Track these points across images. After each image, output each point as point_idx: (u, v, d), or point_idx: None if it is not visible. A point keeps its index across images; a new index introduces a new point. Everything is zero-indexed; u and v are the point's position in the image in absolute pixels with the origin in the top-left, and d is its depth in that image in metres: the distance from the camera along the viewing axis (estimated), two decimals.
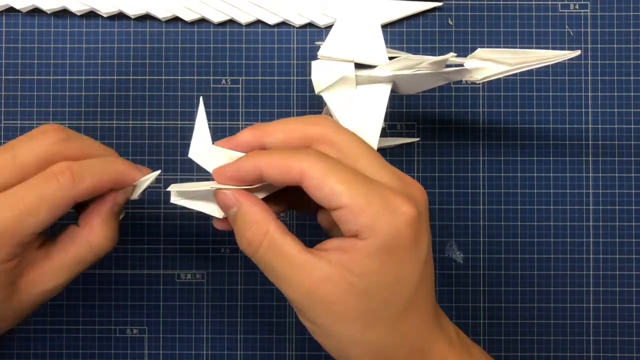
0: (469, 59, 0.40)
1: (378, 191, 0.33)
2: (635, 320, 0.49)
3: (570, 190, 0.49)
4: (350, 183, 0.32)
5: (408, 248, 0.33)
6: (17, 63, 0.49)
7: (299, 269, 0.33)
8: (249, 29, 0.49)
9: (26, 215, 0.34)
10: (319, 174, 0.33)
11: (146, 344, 0.48)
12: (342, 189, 0.32)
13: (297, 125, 0.36)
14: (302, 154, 0.34)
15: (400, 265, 0.33)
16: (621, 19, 0.49)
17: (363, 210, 0.32)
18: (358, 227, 0.33)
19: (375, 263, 0.33)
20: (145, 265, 0.49)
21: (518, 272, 0.49)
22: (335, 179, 0.32)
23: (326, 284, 0.33)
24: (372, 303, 0.33)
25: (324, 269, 0.33)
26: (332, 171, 0.33)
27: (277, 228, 0.34)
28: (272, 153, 0.34)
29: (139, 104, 0.49)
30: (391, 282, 0.33)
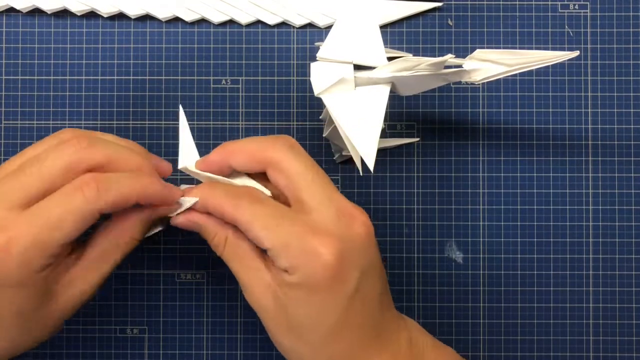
0: (468, 60, 0.40)
1: (297, 234, 0.36)
2: (635, 320, 0.49)
3: (570, 190, 0.49)
4: (271, 229, 0.36)
5: (328, 287, 0.36)
6: (17, 63, 0.49)
7: (249, 271, 0.38)
8: (249, 29, 0.49)
9: (53, 230, 0.34)
10: (246, 221, 0.36)
11: (146, 344, 0.48)
12: (264, 235, 0.36)
13: (256, 147, 0.39)
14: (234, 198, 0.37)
15: (320, 302, 0.36)
16: (621, 19, 0.49)
17: (283, 254, 0.36)
18: (281, 266, 0.36)
19: (296, 294, 0.36)
20: (145, 265, 0.49)
21: (518, 272, 0.49)
22: (258, 226, 0.36)
23: (266, 292, 0.37)
24: (295, 323, 0.37)
25: (266, 278, 0.37)
26: (256, 216, 0.36)
27: (235, 233, 0.38)
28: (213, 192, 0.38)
29: (139, 104, 0.49)
30: (311, 313, 0.36)
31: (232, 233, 0.38)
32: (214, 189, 0.38)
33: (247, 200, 0.37)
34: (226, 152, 0.39)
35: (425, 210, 0.49)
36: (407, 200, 0.49)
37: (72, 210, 0.35)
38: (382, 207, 0.49)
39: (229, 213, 0.37)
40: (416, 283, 0.49)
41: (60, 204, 0.35)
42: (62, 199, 0.35)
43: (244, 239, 0.38)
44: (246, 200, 0.37)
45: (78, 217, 0.35)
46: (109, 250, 0.38)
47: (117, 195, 0.36)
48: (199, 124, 0.49)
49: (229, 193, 0.38)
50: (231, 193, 0.38)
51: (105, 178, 0.36)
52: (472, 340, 0.49)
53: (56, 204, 0.35)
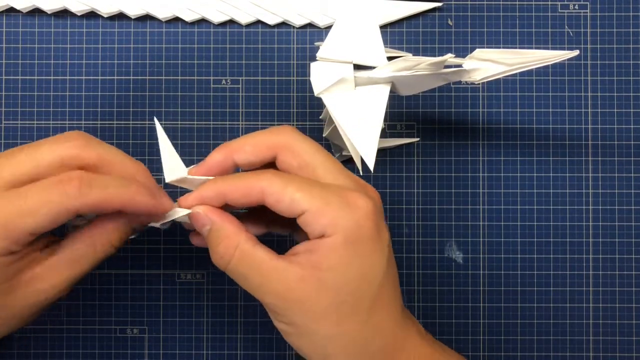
0: (468, 60, 0.40)
1: (334, 191, 0.35)
2: (635, 320, 0.49)
3: (570, 190, 0.49)
4: (306, 190, 0.35)
5: (370, 239, 0.35)
6: (17, 63, 0.49)
7: (271, 274, 0.35)
8: (249, 29, 0.50)
9: (25, 215, 0.34)
10: (278, 188, 0.35)
11: (146, 344, 0.48)
12: (301, 196, 0.35)
13: (262, 137, 0.38)
14: (260, 174, 0.36)
15: (365, 257, 0.35)
16: (621, 19, 0.49)
17: (322, 210, 0.35)
18: (321, 227, 0.35)
19: (341, 256, 0.35)
20: (145, 265, 0.49)
21: (518, 272, 0.49)
22: (293, 188, 0.35)
23: (299, 285, 0.35)
24: (342, 296, 0.35)
25: (295, 271, 0.35)
26: (290, 182, 0.35)
27: (247, 240, 0.36)
28: (233, 177, 0.37)
29: (139, 104, 0.49)
30: (358, 273, 0.35)
31: (245, 238, 0.36)
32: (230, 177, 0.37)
33: (273, 173, 0.36)
34: (229, 149, 0.38)
35: (425, 210, 0.49)
36: (407, 200, 0.49)
37: (48, 202, 0.34)
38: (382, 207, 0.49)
39: (257, 188, 0.35)
40: (416, 283, 0.49)
41: (38, 193, 0.34)
42: (41, 189, 0.34)
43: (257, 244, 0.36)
44: (272, 174, 0.36)
45: (52, 211, 0.34)
46: (82, 252, 0.37)
47: (98, 199, 0.35)
48: (199, 124, 0.49)
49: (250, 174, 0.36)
50: (252, 173, 0.36)
51: (91, 178, 0.35)
52: (472, 340, 0.49)
53: (35, 192, 0.34)
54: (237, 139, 0.38)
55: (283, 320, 0.36)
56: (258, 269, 0.36)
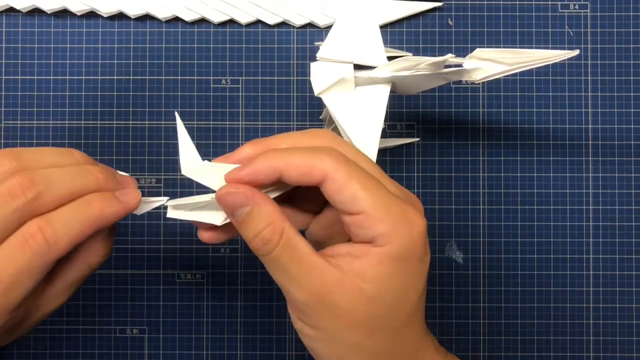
0: (468, 59, 0.40)
1: (396, 201, 0.33)
2: (635, 320, 0.49)
3: (570, 190, 0.49)
4: (372, 190, 0.32)
5: (418, 258, 0.34)
6: (17, 63, 0.49)
7: (311, 270, 0.33)
8: (249, 29, 0.49)
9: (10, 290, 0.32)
10: (342, 178, 0.32)
11: (146, 344, 0.48)
12: (364, 196, 0.32)
13: (300, 139, 0.35)
14: (323, 154, 0.33)
15: (410, 275, 0.33)
16: (621, 19, 0.49)
17: (382, 218, 0.32)
18: (375, 234, 0.32)
19: (387, 270, 0.33)
20: (145, 265, 0.49)
21: (518, 272, 0.49)
22: (358, 185, 0.32)
23: (337, 289, 0.33)
24: (381, 310, 0.33)
25: (335, 274, 0.33)
26: (355, 176, 0.32)
27: (291, 227, 0.33)
28: (292, 152, 0.33)
29: (139, 104, 0.49)
30: (400, 289, 0.33)
31: (289, 225, 0.33)
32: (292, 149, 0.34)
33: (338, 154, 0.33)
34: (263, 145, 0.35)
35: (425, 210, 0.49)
36: None
37: (24, 267, 0.32)
38: None
39: (320, 169, 0.32)
40: None
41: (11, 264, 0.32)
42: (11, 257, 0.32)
43: (298, 233, 0.33)
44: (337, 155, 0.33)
45: (33, 272, 0.32)
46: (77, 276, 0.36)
47: (69, 240, 0.33)
48: (199, 124, 0.49)
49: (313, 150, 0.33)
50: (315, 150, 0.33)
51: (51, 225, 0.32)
52: (472, 340, 0.49)
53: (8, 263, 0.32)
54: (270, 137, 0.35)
55: (308, 321, 0.34)
56: (299, 261, 0.33)
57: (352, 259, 0.33)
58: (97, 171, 0.35)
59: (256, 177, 0.34)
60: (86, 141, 0.49)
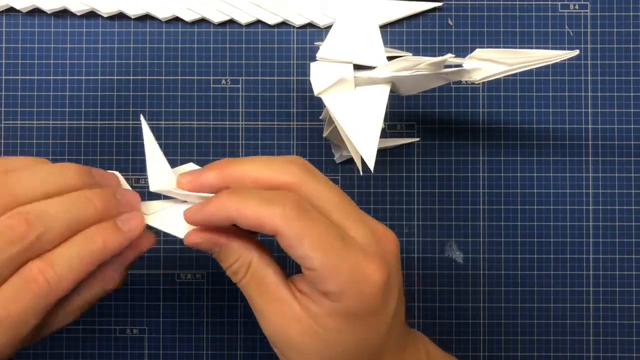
0: (468, 60, 0.40)
1: (350, 258, 0.33)
2: (635, 320, 0.49)
3: (570, 190, 0.49)
4: (323, 250, 0.32)
5: (373, 314, 0.34)
6: (17, 63, 0.49)
7: (274, 303, 0.34)
8: (249, 29, 0.49)
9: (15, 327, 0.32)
10: (293, 235, 0.32)
11: (146, 344, 0.48)
12: (315, 256, 0.32)
13: (266, 172, 0.34)
14: (276, 206, 0.32)
15: (364, 329, 0.34)
16: (621, 19, 0.49)
17: (332, 278, 0.32)
18: (326, 290, 0.33)
19: (338, 324, 0.33)
20: (145, 265, 0.49)
21: (518, 272, 0.49)
22: (308, 244, 0.32)
23: (294, 324, 0.33)
24: (333, 352, 0.34)
25: (294, 310, 0.33)
26: (307, 233, 0.32)
27: (259, 258, 0.35)
28: (245, 200, 0.33)
29: (139, 104, 0.49)
30: (355, 340, 0.34)
31: (257, 258, 0.35)
32: (246, 195, 0.33)
33: (294, 210, 0.32)
34: (227, 174, 0.34)
35: (425, 210, 0.49)
36: (407, 200, 0.49)
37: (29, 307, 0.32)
38: (382, 207, 0.49)
39: (270, 224, 0.32)
40: (416, 283, 0.49)
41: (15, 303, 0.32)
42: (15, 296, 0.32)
43: (269, 265, 0.35)
44: (293, 210, 0.32)
45: (38, 311, 0.32)
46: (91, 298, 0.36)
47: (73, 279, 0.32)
48: (199, 124, 0.49)
49: (268, 200, 0.32)
50: (270, 200, 0.32)
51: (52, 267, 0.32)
52: (472, 340, 0.49)
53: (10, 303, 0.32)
54: (237, 162, 0.35)
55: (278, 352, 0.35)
56: (264, 292, 0.34)
57: (310, 300, 0.33)
58: (96, 198, 0.34)
59: (210, 221, 0.34)
60: (86, 141, 0.49)
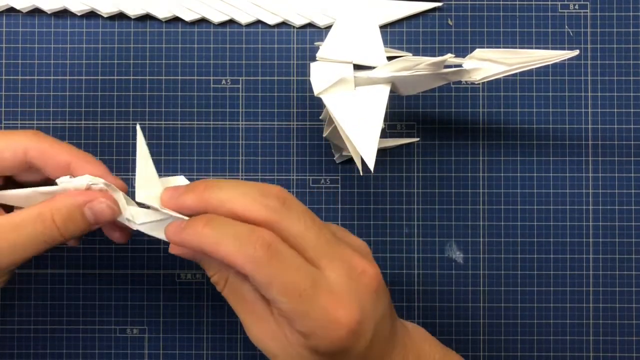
0: (468, 60, 0.40)
1: (318, 304, 0.33)
2: (635, 320, 0.49)
3: (570, 190, 0.49)
4: (291, 296, 0.33)
5: (344, 353, 0.34)
6: (17, 63, 0.49)
7: (252, 317, 0.36)
8: (249, 29, 0.49)
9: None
10: (261, 281, 0.33)
11: (146, 344, 0.48)
12: (282, 302, 0.33)
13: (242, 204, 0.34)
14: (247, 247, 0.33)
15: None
16: (621, 19, 0.49)
17: (300, 321, 0.33)
18: (295, 327, 0.34)
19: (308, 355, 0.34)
20: (145, 265, 0.49)
21: (518, 272, 0.49)
22: (277, 290, 0.33)
23: (272, 339, 0.35)
24: None
25: (271, 327, 0.35)
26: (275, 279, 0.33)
27: (236, 274, 0.36)
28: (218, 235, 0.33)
29: (139, 104, 0.49)
30: None
31: (234, 274, 0.36)
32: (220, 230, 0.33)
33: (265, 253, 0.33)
34: (205, 201, 0.35)
35: (425, 210, 0.49)
36: (407, 200, 0.49)
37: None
38: (382, 207, 0.49)
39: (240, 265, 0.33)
40: (416, 283, 0.49)
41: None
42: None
43: (246, 280, 0.35)
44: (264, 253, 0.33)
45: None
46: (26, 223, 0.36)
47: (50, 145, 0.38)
48: (199, 124, 0.49)
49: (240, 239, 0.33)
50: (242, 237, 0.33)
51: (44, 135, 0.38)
52: (472, 340, 0.49)
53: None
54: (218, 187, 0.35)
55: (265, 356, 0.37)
56: (242, 306, 0.36)
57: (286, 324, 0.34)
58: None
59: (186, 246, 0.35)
60: (86, 141, 0.49)
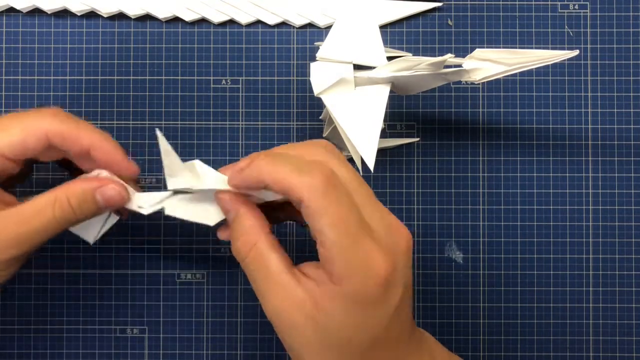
0: (468, 60, 0.40)
1: (361, 245, 0.33)
2: (635, 320, 0.49)
3: (570, 190, 0.49)
4: (339, 231, 0.33)
5: (375, 304, 0.34)
6: (17, 63, 0.49)
7: (275, 287, 0.34)
8: (249, 29, 0.50)
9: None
10: (316, 209, 0.33)
11: (146, 344, 0.48)
12: (329, 233, 0.33)
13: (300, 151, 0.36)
14: (306, 175, 0.33)
15: (363, 317, 0.34)
16: (621, 19, 0.49)
17: (340, 260, 0.33)
18: (332, 270, 0.33)
19: (339, 307, 0.34)
20: (145, 265, 0.49)
21: (518, 272, 0.49)
22: (327, 221, 0.33)
23: (296, 309, 0.34)
24: (334, 340, 0.34)
25: (298, 295, 0.34)
26: (329, 210, 0.33)
27: (265, 241, 0.35)
28: (278, 164, 0.34)
29: (139, 104, 0.49)
30: (353, 327, 0.34)
31: (263, 240, 0.35)
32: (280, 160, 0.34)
33: (322, 183, 0.33)
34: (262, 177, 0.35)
35: (425, 210, 0.49)
36: (407, 200, 0.49)
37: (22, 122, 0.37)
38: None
39: (298, 193, 0.33)
40: (416, 283, 0.49)
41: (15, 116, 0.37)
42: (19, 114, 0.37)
43: (273, 250, 0.35)
44: (321, 183, 0.33)
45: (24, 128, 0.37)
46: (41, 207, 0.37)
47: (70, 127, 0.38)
48: (199, 124, 0.49)
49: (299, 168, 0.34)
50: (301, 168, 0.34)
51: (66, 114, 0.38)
52: (472, 340, 0.49)
53: (12, 116, 0.37)
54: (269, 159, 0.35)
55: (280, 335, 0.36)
56: (266, 276, 0.35)
57: (315, 284, 0.34)
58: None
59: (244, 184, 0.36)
60: None
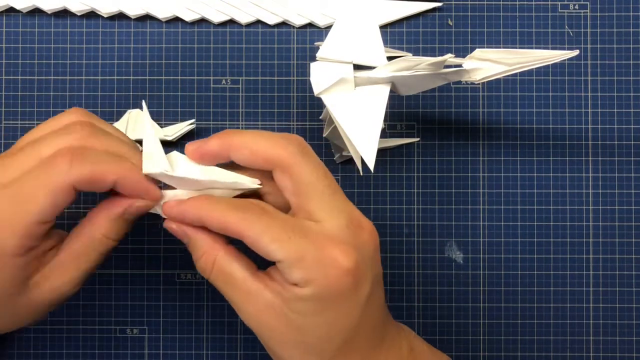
0: (468, 60, 0.40)
1: (313, 244, 0.34)
2: (635, 320, 0.49)
3: (570, 190, 0.49)
4: (281, 241, 0.34)
5: (343, 297, 0.35)
6: (17, 63, 0.49)
7: (244, 295, 0.36)
8: (249, 29, 0.50)
9: (26, 204, 0.33)
10: (254, 235, 0.34)
11: (146, 344, 0.48)
12: (275, 248, 0.34)
13: (264, 144, 0.36)
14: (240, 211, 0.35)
15: (335, 312, 0.35)
16: (621, 19, 0.49)
17: (296, 265, 0.34)
18: (294, 278, 0.34)
19: (309, 307, 0.35)
20: (145, 265, 0.49)
21: (518, 272, 0.49)
22: (267, 239, 0.34)
23: (268, 311, 0.35)
24: (307, 337, 0.35)
25: (267, 298, 0.35)
26: (267, 230, 0.34)
27: (224, 254, 0.36)
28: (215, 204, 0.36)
29: (139, 104, 0.49)
30: (325, 324, 0.35)
31: (222, 254, 0.36)
32: (215, 201, 0.36)
33: (254, 212, 0.35)
34: (228, 143, 0.36)
35: (425, 210, 0.49)
36: (407, 200, 0.49)
37: (43, 181, 0.33)
38: (382, 207, 0.49)
39: (234, 226, 0.35)
40: (416, 283, 0.49)
41: (33, 177, 0.34)
42: (35, 172, 0.34)
43: (234, 260, 0.36)
44: (252, 213, 0.35)
45: (50, 189, 0.33)
46: (82, 250, 0.37)
47: (92, 170, 0.34)
48: (199, 124, 0.49)
49: (233, 206, 0.35)
50: (235, 205, 0.35)
51: (82, 151, 0.34)
52: (472, 340, 0.49)
53: (29, 177, 0.34)
54: (239, 133, 0.37)
55: (260, 339, 0.37)
56: (233, 286, 0.36)
57: (282, 287, 0.35)
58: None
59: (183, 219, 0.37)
60: None
